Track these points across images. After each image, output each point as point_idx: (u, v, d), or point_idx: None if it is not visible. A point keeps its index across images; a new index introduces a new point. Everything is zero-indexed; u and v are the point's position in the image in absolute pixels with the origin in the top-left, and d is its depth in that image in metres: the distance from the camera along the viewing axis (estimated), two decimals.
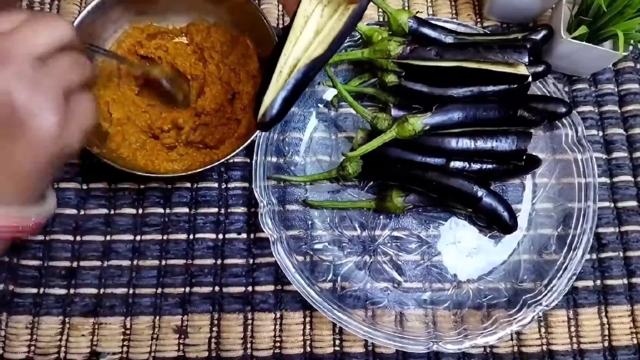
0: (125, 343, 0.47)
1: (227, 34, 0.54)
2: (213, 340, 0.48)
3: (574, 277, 0.46)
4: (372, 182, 0.52)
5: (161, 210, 0.51)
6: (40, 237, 0.49)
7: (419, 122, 0.45)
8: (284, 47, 0.37)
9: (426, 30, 0.51)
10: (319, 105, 0.54)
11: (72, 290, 0.48)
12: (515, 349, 0.48)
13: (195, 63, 0.53)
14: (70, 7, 0.57)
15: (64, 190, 0.51)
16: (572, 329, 0.49)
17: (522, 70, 0.46)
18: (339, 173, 0.49)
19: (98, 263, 0.49)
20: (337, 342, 0.48)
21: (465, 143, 0.48)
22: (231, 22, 0.54)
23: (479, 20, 0.59)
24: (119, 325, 0.48)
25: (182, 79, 0.52)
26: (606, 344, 0.48)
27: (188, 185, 0.52)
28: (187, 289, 0.49)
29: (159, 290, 0.49)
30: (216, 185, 0.52)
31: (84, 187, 0.51)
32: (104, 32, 0.52)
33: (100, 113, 0.51)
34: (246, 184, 0.52)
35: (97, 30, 0.51)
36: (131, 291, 0.49)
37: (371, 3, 0.40)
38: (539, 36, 0.52)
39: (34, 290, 0.48)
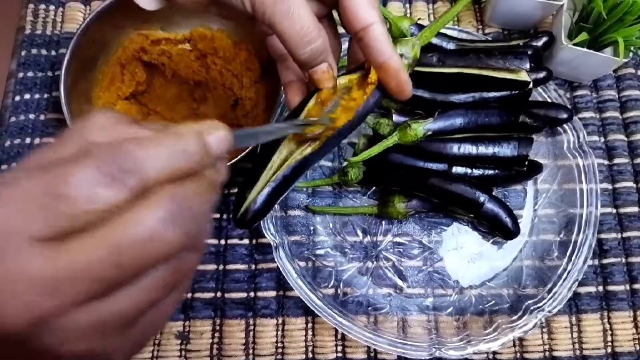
0: None
1: (230, 40, 0.54)
2: (215, 346, 0.47)
3: (576, 283, 0.46)
4: (374, 188, 0.52)
5: None
6: None
7: (421, 128, 0.46)
8: (279, 143, 0.34)
9: None
10: None
11: None
12: (518, 355, 0.48)
13: (198, 69, 0.53)
14: (75, 13, 0.58)
15: None
16: (575, 335, 0.49)
17: (524, 76, 0.46)
18: (341, 179, 0.49)
19: None
20: (340, 348, 0.47)
21: (467, 149, 0.48)
22: (234, 29, 0.54)
23: (480, 27, 0.59)
24: None
25: None
26: (609, 350, 0.48)
27: None
28: (189, 295, 0.49)
29: None
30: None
31: None
32: (109, 38, 0.52)
33: None
34: None
35: (102, 36, 0.51)
36: None
37: None
38: (540, 43, 0.52)
39: None
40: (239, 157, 0.46)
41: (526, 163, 0.49)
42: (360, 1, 0.31)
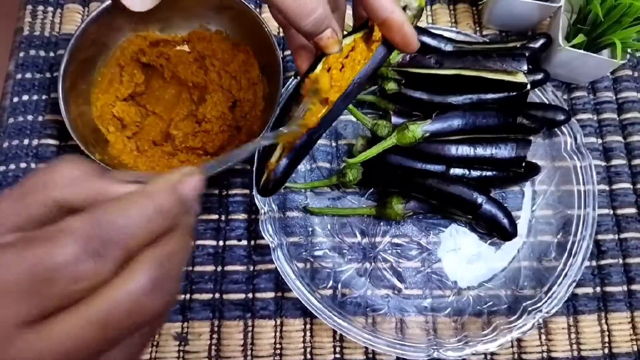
0: None
1: (228, 42, 0.54)
2: (213, 347, 0.47)
3: (574, 284, 0.46)
4: (372, 189, 0.52)
5: None
6: None
7: (419, 129, 0.46)
8: (292, 108, 0.35)
9: (426, 39, 0.52)
10: None
11: None
12: (516, 356, 0.48)
13: (197, 71, 0.53)
14: (73, 15, 0.58)
15: None
16: (572, 335, 0.49)
17: (521, 78, 0.47)
18: (339, 180, 0.50)
19: None
20: (338, 349, 0.48)
21: (465, 150, 0.48)
22: (232, 31, 0.54)
23: (478, 28, 0.59)
24: None
25: None
26: (606, 350, 0.48)
27: None
28: (187, 296, 0.49)
29: None
30: (217, 191, 0.52)
31: None
32: (107, 39, 0.52)
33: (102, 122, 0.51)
34: (247, 191, 0.52)
35: (100, 37, 0.51)
36: None
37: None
38: (537, 44, 0.53)
39: None
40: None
41: (524, 164, 0.49)
42: None
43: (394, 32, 0.32)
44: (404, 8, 0.33)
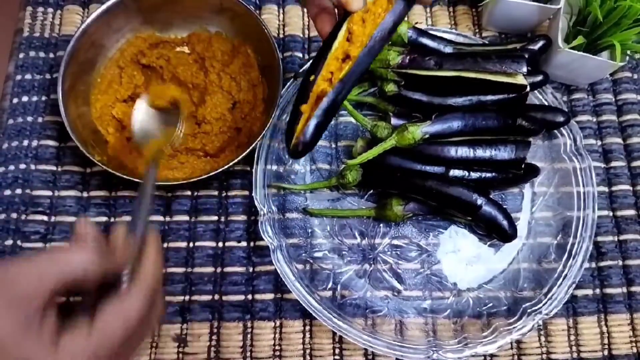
0: None
1: (228, 43, 0.54)
2: (212, 348, 0.47)
3: (574, 286, 0.46)
4: (372, 191, 0.52)
5: (161, 218, 0.51)
6: (40, 245, 0.49)
7: (418, 131, 0.46)
8: (316, 71, 0.34)
9: (425, 41, 0.52)
10: None
11: (71, 298, 0.48)
12: (515, 357, 0.48)
13: (197, 72, 0.53)
14: (73, 16, 0.58)
15: (64, 198, 0.51)
16: (572, 337, 0.49)
17: (521, 80, 0.47)
18: (339, 181, 0.50)
19: None
20: (337, 350, 0.47)
21: (464, 152, 0.48)
22: (232, 32, 0.54)
23: (477, 30, 0.59)
24: None
25: None
26: (606, 352, 0.48)
27: (188, 193, 0.52)
28: (187, 297, 0.49)
29: None
30: (216, 193, 0.52)
31: (85, 195, 0.51)
32: (107, 41, 0.52)
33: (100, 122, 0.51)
34: (246, 192, 0.52)
35: (100, 39, 0.51)
36: None
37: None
38: (537, 46, 0.53)
39: None
40: (234, 161, 0.46)
41: (523, 166, 0.49)
42: None
43: None
44: None
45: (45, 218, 0.50)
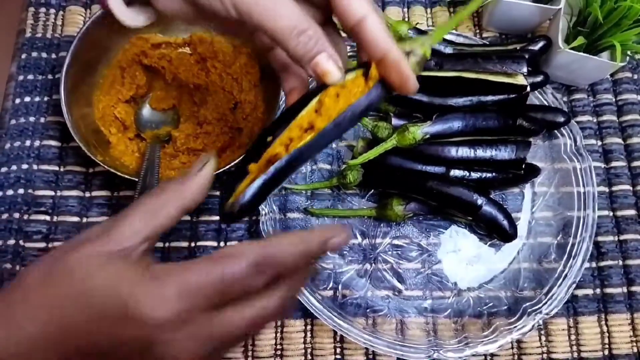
0: None
1: (230, 44, 0.54)
2: None
3: (574, 286, 0.46)
4: (372, 191, 0.52)
5: None
6: (43, 245, 0.50)
7: (419, 131, 0.46)
8: (275, 133, 0.31)
9: None
10: None
11: None
12: (516, 357, 0.48)
13: (198, 73, 0.54)
14: (75, 17, 0.58)
15: (66, 198, 0.51)
16: (572, 337, 0.49)
17: (521, 80, 0.47)
18: (339, 181, 0.50)
19: None
20: (338, 350, 0.48)
21: (465, 152, 0.48)
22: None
23: (477, 31, 0.60)
24: None
25: None
26: (606, 352, 0.48)
27: None
28: None
29: None
30: (218, 193, 0.52)
31: (87, 195, 0.52)
32: (109, 41, 0.52)
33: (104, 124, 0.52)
34: None
35: (102, 40, 0.51)
36: None
37: None
38: (537, 47, 0.53)
39: None
40: (236, 161, 0.46)
41: (523, 166, 0.49)
42: None
43: (390, 68, 0.30)
44: (408, 54, 0.31)
45: (47, 218, 0.50)
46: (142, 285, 0.25)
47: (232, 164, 0.46)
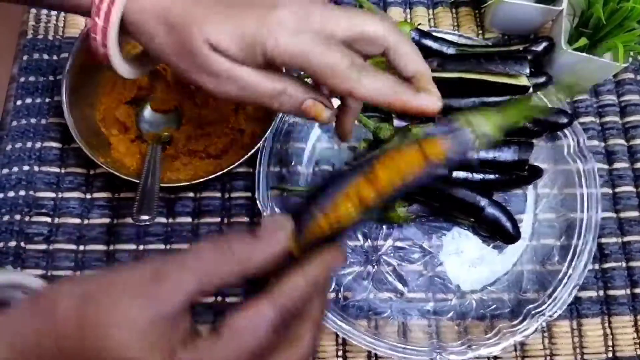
0: None
1: None
2: None
3: (577, 288, 0.46)
4: None
5: (164, 220, 0.51)
6: (44, 247, 0.49)
7: (421, 132, 0.46)
8: (320, 205, 0.28)
9: (428, 42, 0.52)
10: None
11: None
12: (519, 359, 0.48)
13: None
14: (76, 18, 0.58)
15: (67, 199, 0.51)
16: (576, 339, 0.49)
17: (524, 81, 0.47)
18: None
19: None
20: (340, 352, 0.47)
21: None
22: None
23: (480, 32, 0.59)
24: None
25: None
26: (610, 354, 0.48)
27: (191, 194, 0.52)
28: None
29: None
30: (219, 195, 0.52)
31: (88, 196, 0.51)
32: None
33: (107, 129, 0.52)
34: (249, 194, 0.52)
35: None
36: None
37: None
38: (539, 48, 0.53)
39: None
40: (237, 163, 0.46)
41: (526, 168, 0.49)
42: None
43: (423, 84, 0.33)
44: (474, 133, 0.29)
45: (48, 219, 0.50)
46: None
47: (234, 165, 0.46)
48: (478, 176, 0.49)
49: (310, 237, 0.27)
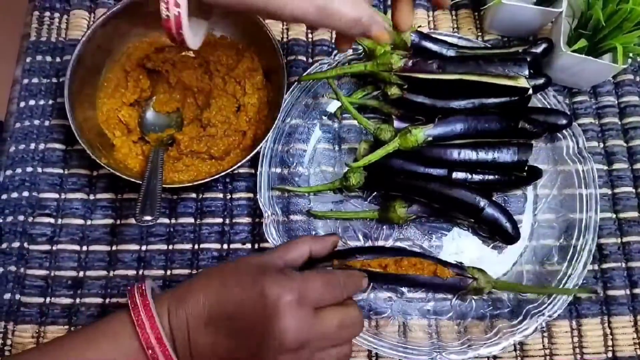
0: None
1: (233, 47, 0.55)
2: None
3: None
4: (375, 193, 0.52)
5: (167, 221, 0.51)
6: (47, 247, 0.50)
7: (421, 134, 0.46)
8: None
9: (428, 44, 0.52)
10: (323, 117, 0.55)
11: (78, 300, 0.49)
12: (519, 359, 0.48)
13: (202, 76, 0.54)
14: (79, 21, 0.58)
15: (71, 200, 0.51)
16: (575, 339, 0.49)
17: (523, 83, 0.47)
18: (342, 184, 0.50)
19: (104, 273, 0.50)
20: None
21: (467, 154, 0.48)
22: (237, 36, 0.55)
23: (479, 34, 0.60)
24: None
25: None
26: (610, 354, 0.48)
27: (193, 195, 0.52)
28: None
29: None
30: (221, 195, 0.52)
31: (91, 197, 0.52)
32: (113, 45, 0.53)
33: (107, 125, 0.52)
34: (251, 195, 0.52)
35: (106, 43, 0.52)
36: None
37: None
38: (539, 49, 0.53)
39: (40, 300, 0.48)
40: (239, 164, 0.46)
41: (526, 168, 0.49)
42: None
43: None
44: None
45: (52, 220, 0.51)
46: (278, 278, 0.36)
47: (236, 166, 0.46)
48: (478, 177, 0.49)
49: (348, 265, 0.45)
